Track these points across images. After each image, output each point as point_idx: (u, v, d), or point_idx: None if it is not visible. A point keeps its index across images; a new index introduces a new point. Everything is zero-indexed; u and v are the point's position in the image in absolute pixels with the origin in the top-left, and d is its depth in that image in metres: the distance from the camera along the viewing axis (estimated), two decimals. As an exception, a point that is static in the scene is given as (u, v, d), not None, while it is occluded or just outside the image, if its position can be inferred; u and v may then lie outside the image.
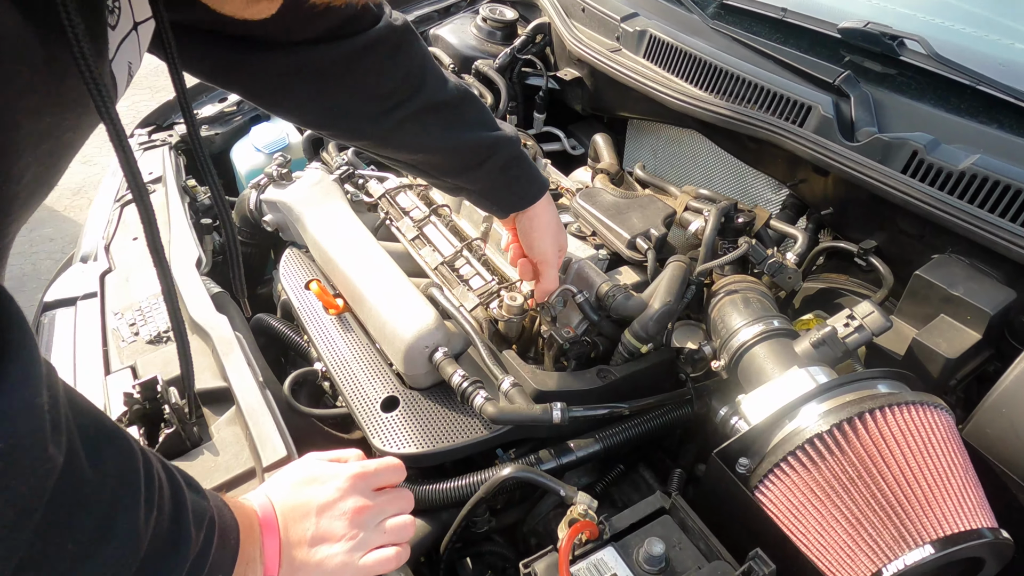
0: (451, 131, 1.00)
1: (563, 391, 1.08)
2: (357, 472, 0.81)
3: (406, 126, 0.96)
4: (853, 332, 0.99)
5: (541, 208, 1.10)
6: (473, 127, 1.01)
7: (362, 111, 0.94)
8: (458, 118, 1.00)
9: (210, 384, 1.07)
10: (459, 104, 1.00)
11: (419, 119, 0.97)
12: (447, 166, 1.05)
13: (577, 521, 0.89)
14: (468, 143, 1.01)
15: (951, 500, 0.78)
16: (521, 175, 1.07)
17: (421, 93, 0.95)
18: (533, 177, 1.09)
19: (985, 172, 1.07)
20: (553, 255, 1.12)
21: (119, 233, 1.42)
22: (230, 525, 0.68)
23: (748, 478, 0.88)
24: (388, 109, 0.94)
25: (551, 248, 1.12)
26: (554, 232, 1.12)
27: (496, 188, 1.08)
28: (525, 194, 1.09)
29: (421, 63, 0.96)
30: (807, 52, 1.39)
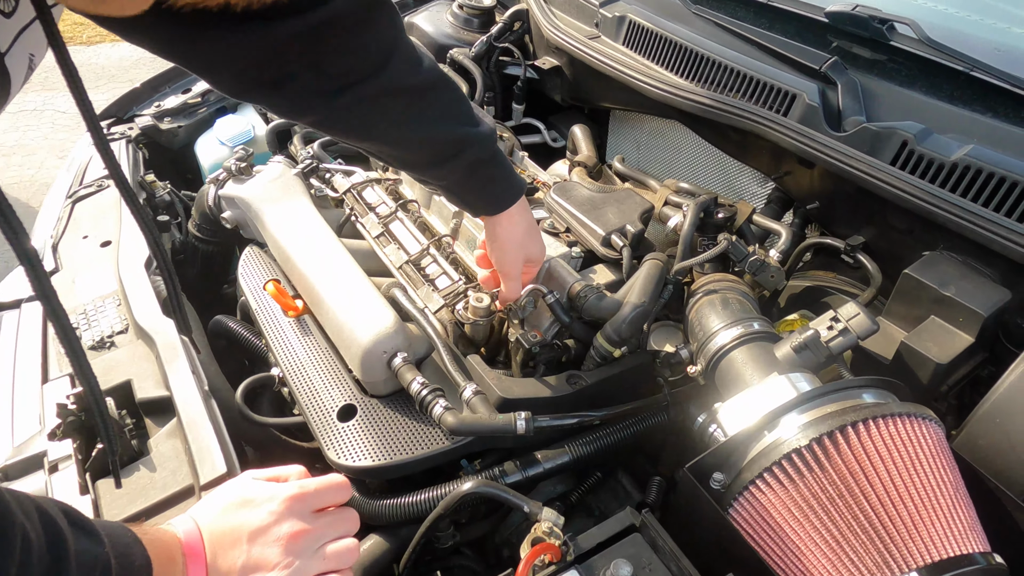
0: (413, 121, 0.90)
1: (530, 399, 1.02)
2: (294, 493, 0.74)
3: (360, 108, 0.87)
4: (837, 336, 0.93)
5: (512, 215, 1.01)
6: (440, 120, 0.91)
7: (310, 85, 0.83)
8: (423, 107, 0.90)
9: (152, 393, 1.00)
10: (426, 92, 0.90)
11: (376, 103, 0.87)
12: (408, 158, 0.97)
13: (540, 540, 0.83)
14: (431, 136, 0.92)
15: (940, 522, 0.71)
16: (492, 178, 0.98)
17: (381, 75, 0.85)
18: (506, 181, 1.00)
19: (979, 163, 1.00)
20: (516, 268, 1.05)
21: (69, 231, 1.35)
22: (138, 565, 0.61)
23: (723, 495, 0.82)
24: (340, 88, 0.84)
25: (515, 260, 1.04)
26: (520, 243, 1.03)
27: (463, 189, 0.99)
28: (494, 199, 1.00)
29: (390, 42, 0.85)
30: (793, 38, 1.32)
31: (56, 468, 0.93)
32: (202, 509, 0.73)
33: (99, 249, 1.29)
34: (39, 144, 4.22)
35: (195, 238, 1.53)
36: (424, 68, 0.89)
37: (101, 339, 1.11)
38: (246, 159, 1.40)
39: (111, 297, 1.19)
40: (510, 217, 1.02)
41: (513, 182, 1.01)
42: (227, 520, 0.71)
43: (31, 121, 4.43)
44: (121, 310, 1.16)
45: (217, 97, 1.78)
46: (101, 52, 5.23)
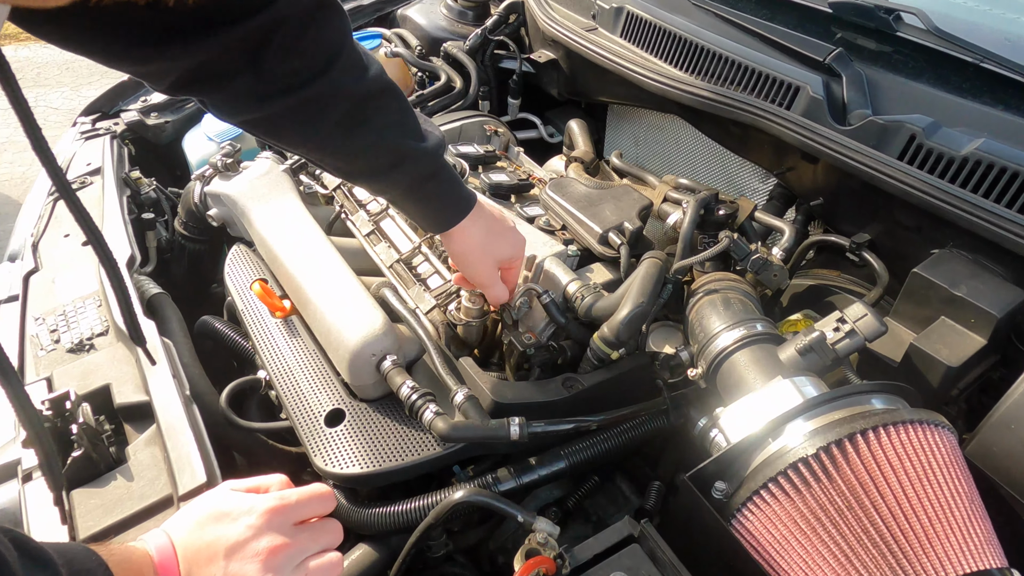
0: (352, 130, 0.85)
1: (524, 403, 0.98)
2: (274, 505, 0.70)
3: (297, 113, 0.82)
4: (844, 337, 0.89)
5: (463, 228, 0.97)
6: (381, 131, 0.87)
7: (248, 86, 0.78)
8: (363, 116, 0.85)
9: (131, 398, 0.96)
10: (368, 100, 0.85)
11: (314, 108, 0.82)
12: (346, 169, 0.93)
13: (535, 552, 0.79)
14: (370, 147, 0.87)
15: (955, 535, 0.68)
16: (434, 195, 0.94)
17: (322, 80, 0.80)
18: (450, 198, 0.95)
19: (990, 157, 0.96)
20: (486, 275, 1.01)
21: (50, 229, 1.31)
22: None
23: (725, 505, 0.78)
24: (278, 91, 0.79)
25: (481, 268, 1.00)
26: (480, 250, 0.99)
27: (407, 204, 0.96)
28: (438, 217, 0.96)
29: (334, 47, 0.80)
30: (795, 29, 1.28)
31: (30, 477, 0.89)
32: (176, 523, 0.69)
33: (80, 248, 1.25)
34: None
35: (182, 236, 1.49)
36: (368, 76, 0.84)
37: (80, 341, 1.07)
38: (233, 155, 1.35)
39: (92, 298, 1.15)
40: (461, 231, 0.97)
41: (458, 199, 0.96)
42: (203, 535, 0.67)
43: (23, 117, 4.37)
44: (102, 311, 1.12)
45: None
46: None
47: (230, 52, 0.74)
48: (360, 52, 0.84)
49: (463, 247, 0.98)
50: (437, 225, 0.97)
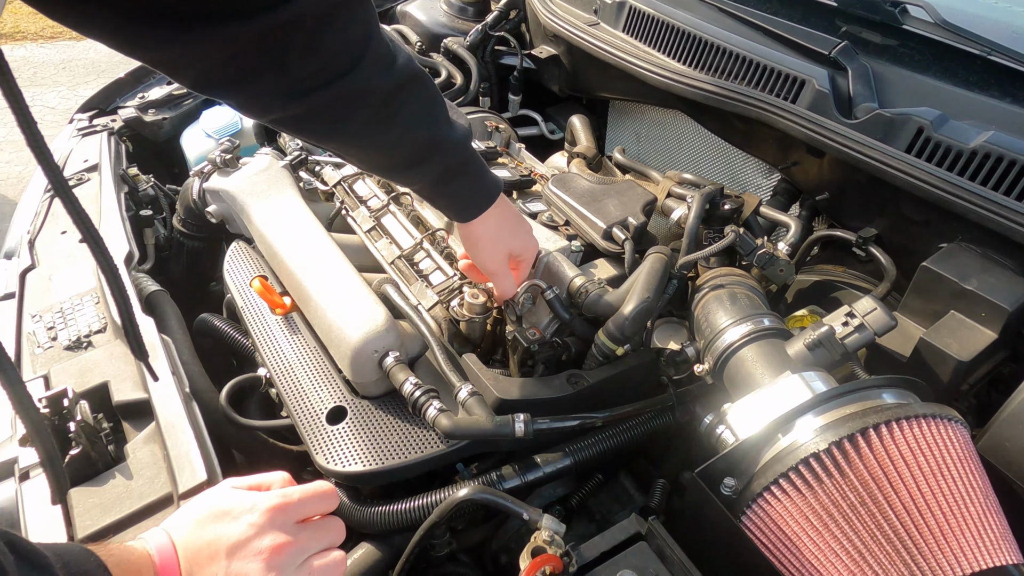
0: (382, 124, 0.84)
1: (529, 400, 0.97)
2: (276, 503, 0.69)
3: (324, 112, 0.81)
4: (853, 332, 0.88)
5: (487, 218, 0.97)
6: (411, 123, 0.86)
7: (275, 85, 0.77)
8: (393, 110, 0.84)
9: (130, 395, 0.95)
10: (397, 94, 0.83)
11: (343, 106, 0.81)
12: (375, 161, 0.92)
13: (541, 550, 0.78)
14: (400, 140, 0.87)
15: (970, 531, 0.66)
16: (463, 185, 0.94)
17: (350, 77, 0.79)
18: (478, 187, 0.96)
19: (999, 150, 0.95)
20: (498, 265, 1.00)
21: (47, 226, 1.29)
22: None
23: (734, 502, 0.77)
24: (307, 89, 0.78)
25: (494, 257, 0.99)
26: (495, 238, 0.99)
27: (434, 194, 0.95)
28: (466, 205, 0.96)
29: (360, 43, 0.79)
30: (800, 22, 1.27)
31: (27, 476, 0.88)
32: (177, 522, 0.67)
33: (77, 245, 1.23)
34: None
35: (180, 233, 1.47)
36: (397, 67, 0.83)
37: (78, 339, 1.05)
38: (231, 151, 1.34)
39: (89, 295, 1.13)
40: (488, 218, 0.97)
41: (486, 186, 0.96)
42: (204, 533, 0.66)
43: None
44: (100, 308, 1.11)
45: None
46: (92, 46, 5.16)
47: (250, 48, 0.72)
48: (387, 42, 0.82)
49: (480, 231, 0.97)
50: (463, 212, 0.97)
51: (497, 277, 1.01)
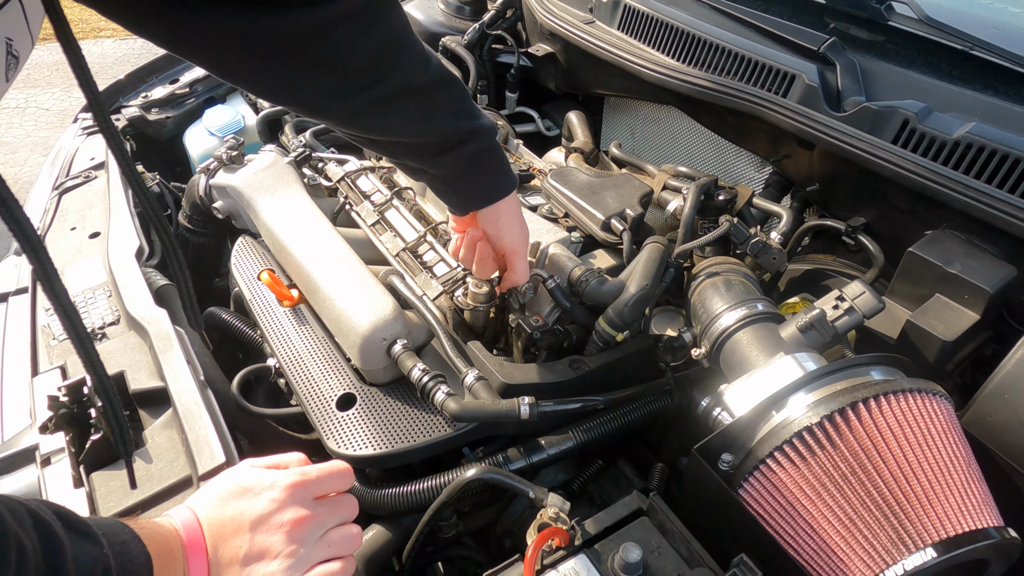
0: (423, 117, 0.90)
1: (532, 384, 1.00)
2: (295, 480, 0.72)
3: (375, 108, 0.87)
4: (843, 315, 0.92)
5: (508, 202, 1.02)
6: (448, 115, 0.92)
7: (326, 87, 0.83)
8: (432, 105, 0.90)
9: (146, 384, 0.98)
10: (435, 90, 0.89)
11: (389, 102, 0.87)
12: (414, 149, 0.96)
13: (547, 526, 0.81)
14: (439, 130, 0.92)
15: (953, 497, 0.70)
16: (490, 169, 0.98)
17: (394, 74, 0.84)
18: (503, 174, 1.00)
19: (981, 140, 1.00)
20: (524, 244, 1.04)
21: (56, 223, 1.32)
22: (137, 563, 0.58)
23: (732, 476, 0.81)
24: (357, 89, 0.84)
25: (521, 237, 1.03)
26: (523, 222, 1.04)
27: (462, 178, 0.98)
28: (492, 190, 1.00)
29: (398, 40, 0.85)
30: (790, 19, 1.31)
31: (48, 462, 0.90)
32: (200, 499, 0.71)
33: (88, 240, 1.26)
34: (22, 142, 4.16)
35: (186, 230, 1.50)
36: (433, 65, 0.89)
37: (92, 330, 1.08)
38: (237, 147, 1.37)
39: (101, 288, 1.16)
40: (508, 201, 1.01)
41: (509, 175, 1.01)
42: (227, 509, 0.69)
43: (14, 119, 4.36)
44: (112, 301, 1.13)
45: (206, 87, 1.75)
46: (84, 48, 5.15)
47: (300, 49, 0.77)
48: (420, 43, 0.88)
49: (508, 210, 1.01)
50: (494, 194, 1.00)
51: (518, 256, 1.04)
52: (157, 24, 0.75)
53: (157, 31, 0.76)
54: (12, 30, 0.60)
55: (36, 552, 0.51)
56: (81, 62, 0.71)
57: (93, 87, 0.73)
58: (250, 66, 0.81)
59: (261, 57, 0.79)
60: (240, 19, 0.73)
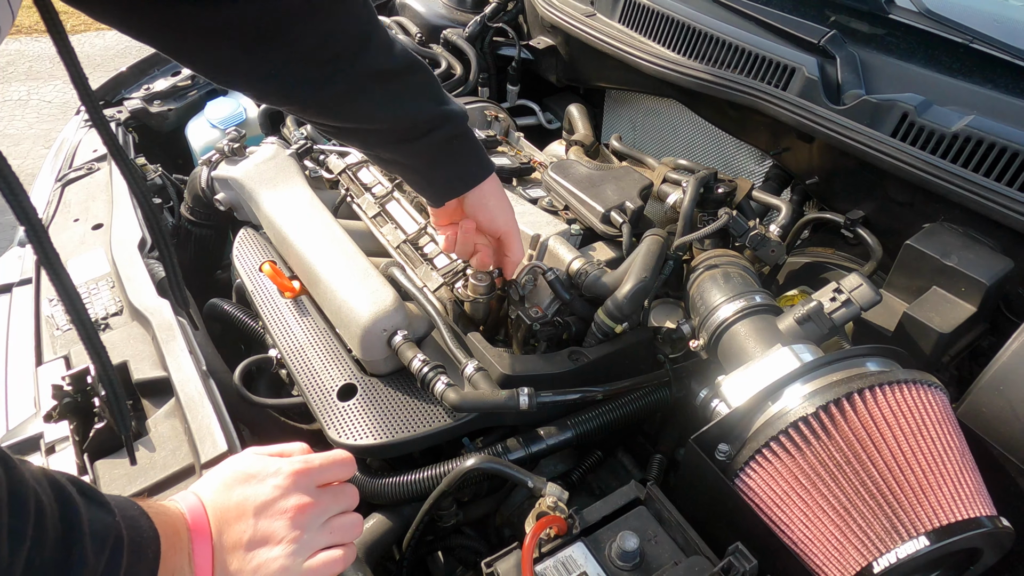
0: (393, 102, 0.90)
1: (532, 375, 1.01)
2: (299, 468, 0.73)
3: (346, 94, 0.87)
4: (840, 307, 0.92)
5: (492, 184, 1.01)
6: (417, 100, 0.92)
7: (299, 75, 0.84)
8: (401, 90, 0.90)
9: (149, 374, 0.99)
10: (404, 73, 0.90)
11: (361, 87, 0.87)
12: (386, 137, 0.95)
13: (545, 514, 0.82)
14: (410, 115, 0.91)
15: (947, 487, 0.71)
16: (464, 154, 0.97)
17: (363, 58, 0.85)
18: (479, 157, 0.99)
19: (979, 134, 1.00)
20: (515, 223, 1.04)
21: (59, 214, 1.33)
22: (147, 537, 0.60)
23: (728, 465, 0.81)
24: (329, 75, 0.84)
25: (511, 215, 1.03)
26: (508, 202, 1.03)
27: (437, 165, 0.97)
28: (469, 175, 0.99)
29: (366, 25, 0.85)
30: (791, 12, 1.31)
31: (53, 450, 0.92)
32: (205, 484, 0.72)
33: (91, 232, 1.27)
34: (24, 134, 4.16)
35: (188, 221, 1.51)
36: (397, 49, 0.89)
37: (95, 321, 1.09)
38: (239, 140, 1.38)
39: (104, 279, 1.17)
40: (492, 184, 1.01)
41: (485, 159, 1.00)
42: (232, 495, 0.70)
43: (16, 111, 4.37)
44: (115, 292, 1.14)
45: (207, 80, 1.75)
46: (86, 40, 5.16)
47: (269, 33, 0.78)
48: (386, 28, 0.89)
49: (491, 191, 1.00)
50: (471, 179, 0.99)
51: (513, 236, 1.03)
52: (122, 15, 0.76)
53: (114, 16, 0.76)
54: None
55: (53, 511, 0.52)
56: (71, 54, 0.71)
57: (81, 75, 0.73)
58: (216, 56, 0.81)
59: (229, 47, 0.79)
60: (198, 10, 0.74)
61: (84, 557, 0.53)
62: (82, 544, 0.53)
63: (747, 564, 0.72)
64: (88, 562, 0.53)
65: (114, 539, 0.56)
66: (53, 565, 0.51)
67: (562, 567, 0.78)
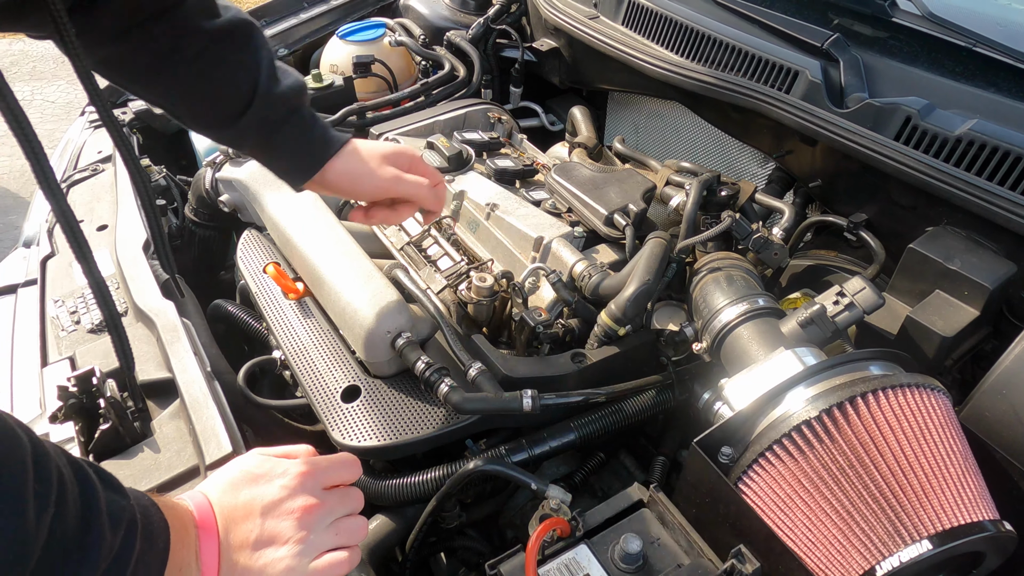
0: (200, 71, 0.83)
1: (535, 377, 1.01)
2: (306, 469, 0.73)
3: (148, 46, 0.81)
4: (843, 310, 0.93)
5: (344, 159, 0.92)
6: (230, 72, 0.84)
7: (97, 20, 0.78)
8: (217, 56, 0.83)
9: (154, 375, 0.99)
10: (218, 40, 0.83)
11: (165, 42, 0.81)
12: (200, 117, 0.89)
13: (549, 517, 0.83)
14: (220, 91, 0.85)
15: (949, 490, 0.71)
16: (290, 137, 0.90)
17: (175, 13, 0.80)
18: (308, 140, 0.91)
19: (982, 138, 1.00)
20: (395, 181, 0.94)
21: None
22: (158, 528, 0.60)
23: (731, 469, 0.82)
24: (130, 25, 0.79)
25: (387, 177, 0.94)
26: (376, 168, 0.94)
27: (268, 154, 0.92)
28: (304, 158, 0.91)
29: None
30: (794, 15, 1.31)
31: (58, 451, 0.92)
32: (212, 484, 0.72)
33: (96, 233, 1.27)
34: (28, 134, 4.16)
35: (192, 223, 1.51)
36: (221, 19, 0.84)
37: (100, 322, 1.10)
38: (243, 141, 1.38)
39: (109, 280, 1.16)
40: (334, 169, 0.92)
41: (317, 139, 0.92)
42: (239, 495, 0.70)
43: (19, 111, 4.37)
44: (120, 293, 1.15)
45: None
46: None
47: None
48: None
49: (341, 170, 0.93)
50: (299, 172, 0.93)
51: (402, 185, 0.95)
52: None
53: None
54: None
55: (73, 486, 0.53)
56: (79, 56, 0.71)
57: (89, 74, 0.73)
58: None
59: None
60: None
61: (102, 534, 0.54)
62: (100, 522, 0.54)
63: (750, 567, 0.73)
64: (105, 539, 0.54)
65: (128, 522, 0.57)
66: (73, 538, 0.52)
67: (566, 569, 0.78)
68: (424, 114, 1.55)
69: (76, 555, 0.52)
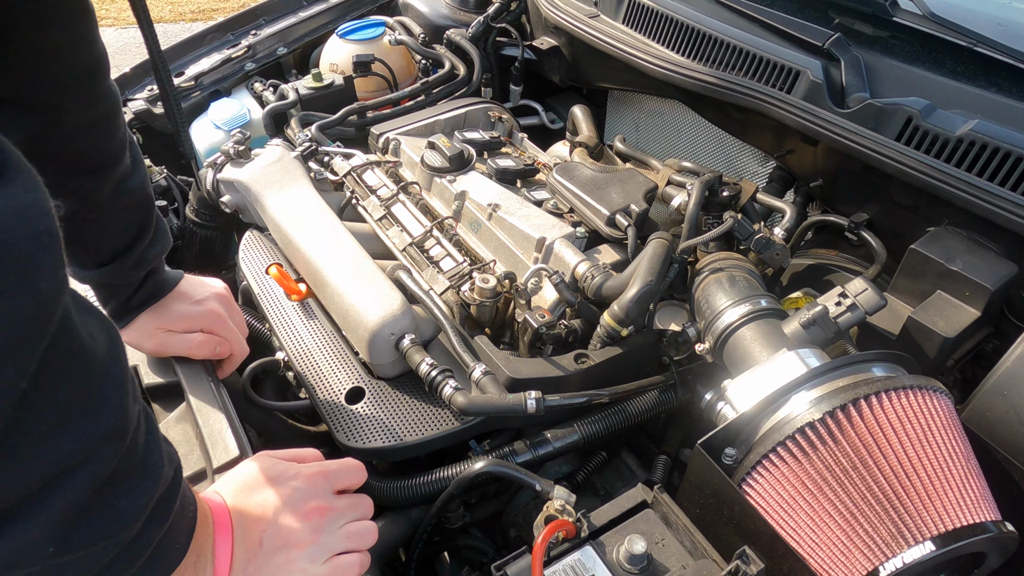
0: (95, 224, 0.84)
1: (538, 378, 1.02)
2: (317, 472, 0.74)
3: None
4: (845, 311, 0.93)
5: (143, 319, 0.94)
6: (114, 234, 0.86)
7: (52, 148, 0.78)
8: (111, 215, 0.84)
9: (159, 378, 0.99)
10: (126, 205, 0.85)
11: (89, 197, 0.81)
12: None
13: (553, 518, 0.83)
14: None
15: (952, 492, 0.72)
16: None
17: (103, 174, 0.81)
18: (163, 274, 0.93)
19: (984, 138, 1.00)
20: (194, 340, 0.95)
21: (66, 217, 1.33)
22: (189, 496, 0.62)
23: (735, 470, 0.82)
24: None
25: (200, 314, 0.95)
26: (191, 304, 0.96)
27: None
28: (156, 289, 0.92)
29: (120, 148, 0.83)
30: (794, 15, 1.31)
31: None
32: (226, 485, 0.73)
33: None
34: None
35: (193, 223, 1.51)
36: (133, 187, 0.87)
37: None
38: (244, 142, 1.38)
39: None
40: (138, 327, 0.94)
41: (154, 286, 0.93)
42: (252, 495, 0.71)
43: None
44: (123, 296, 1.14)
45: (211, 81, 1.75)
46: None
47: None
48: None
49: (147, 329, 0.94)
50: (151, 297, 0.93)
51: (197, 343, 0.95)
52: None
53: None
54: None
55: (139, 410, 0.54)
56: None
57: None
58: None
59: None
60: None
61: (159, 462, 0.56)
62: (159, 450, 0.56)
63: (754, 568, 0.73)
64: (161, 469, 0.56)
65: (176, 468, 0.60)
66: (138, 456, 0.53)
67: (571, 571, 0.78)
68: (424, 113, 1.55)
69: (138, 475, 0.54)
